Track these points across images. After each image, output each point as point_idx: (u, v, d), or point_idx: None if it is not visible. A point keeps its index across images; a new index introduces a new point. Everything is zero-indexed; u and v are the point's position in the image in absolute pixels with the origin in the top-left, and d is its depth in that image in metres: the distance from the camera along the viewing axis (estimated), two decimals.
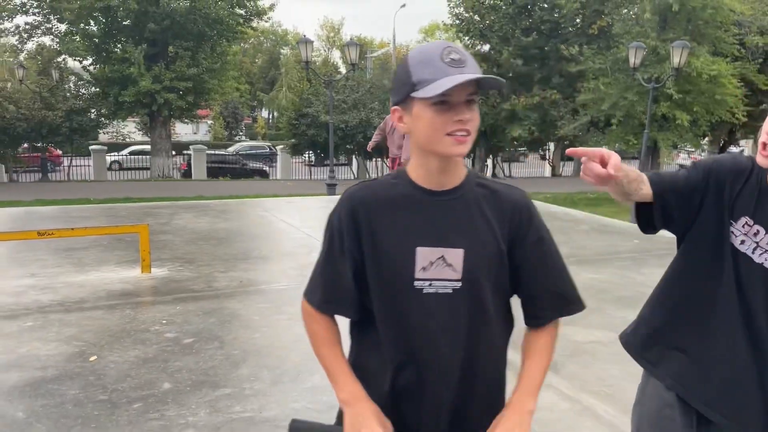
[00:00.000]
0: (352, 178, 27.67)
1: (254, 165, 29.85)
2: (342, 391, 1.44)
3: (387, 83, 28.47)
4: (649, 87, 14.52)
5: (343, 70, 15.84)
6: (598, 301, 5.42)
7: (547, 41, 22.04)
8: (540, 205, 11.92)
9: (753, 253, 1.66)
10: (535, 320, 1.50)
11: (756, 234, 1.66)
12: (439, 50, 1.34)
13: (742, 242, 1.68)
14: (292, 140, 27.66)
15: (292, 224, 8.64)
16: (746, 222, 1.67)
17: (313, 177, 27.83)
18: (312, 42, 15.30)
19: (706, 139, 21.45)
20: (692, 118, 16.79)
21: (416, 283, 1.40)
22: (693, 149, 22.30)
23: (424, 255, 1.40)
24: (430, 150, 1.39)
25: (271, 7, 27.26)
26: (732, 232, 1.69)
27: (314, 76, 25.61)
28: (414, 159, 1.45)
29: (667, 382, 1.78)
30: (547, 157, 31.07)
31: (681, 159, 29.49)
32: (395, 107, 1.42)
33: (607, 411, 3.40)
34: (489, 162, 29.06)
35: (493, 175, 29.77)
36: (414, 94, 1.35)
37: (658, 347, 1.82)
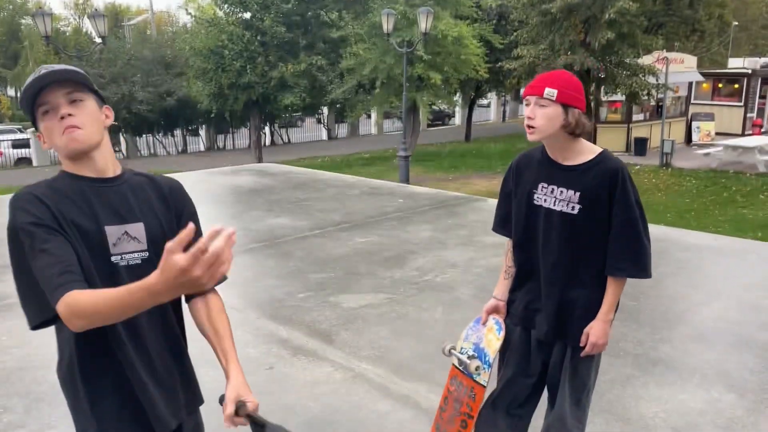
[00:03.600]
0: (121, 158, 25.82)
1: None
2: (147, 281, 1.22)
3: (148, 53, 26.76)
4: (402, 51, 15.54)
5: (99, 40, 14.45)
6: (369, 264, 5.67)
7: (308, 8, 22.28)
8: (314, 173, 12.02)
9: (554, 205, 2.24)
10: None
11: (552, 191, 2.25)
12: (34, 74, 1.47)
13: (545, 200, 2.27)
14: None
15: None
16: (542, 185, 2.27)
17: None
18: (51, 14, 13.86)
19: (458, 95, 23.60)
20: (444, 77, 18.36)
21: (113, 258, 1.52)
22: (447, 105, 24.36)
23: (112, 232, 1.52)
24: (62, 155, 1.51)
25: None
26: (536, 197, 2.29)
27: (62, 50, 23.13)
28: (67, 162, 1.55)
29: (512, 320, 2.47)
30: (323, 121, 31.81)
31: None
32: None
33: (379, 374, 3.72)
34: (267, 129, 28.94)
35: (272, 142, 29.77)
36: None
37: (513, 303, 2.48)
